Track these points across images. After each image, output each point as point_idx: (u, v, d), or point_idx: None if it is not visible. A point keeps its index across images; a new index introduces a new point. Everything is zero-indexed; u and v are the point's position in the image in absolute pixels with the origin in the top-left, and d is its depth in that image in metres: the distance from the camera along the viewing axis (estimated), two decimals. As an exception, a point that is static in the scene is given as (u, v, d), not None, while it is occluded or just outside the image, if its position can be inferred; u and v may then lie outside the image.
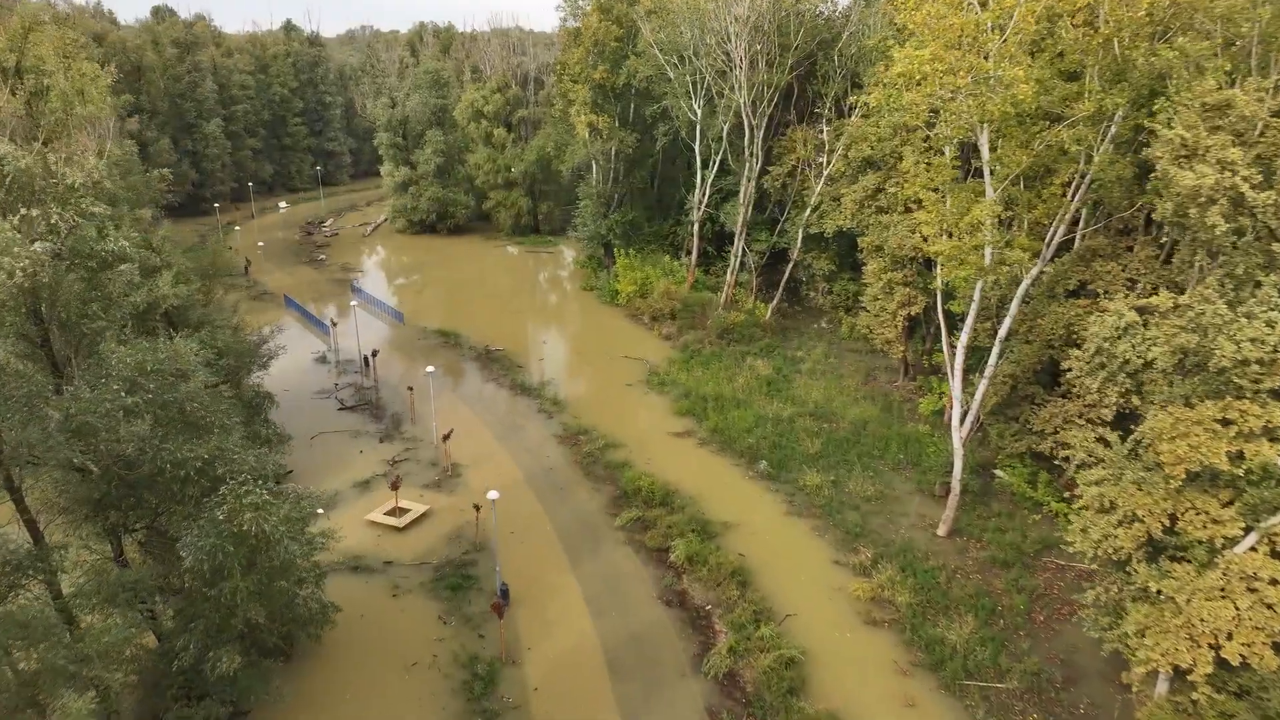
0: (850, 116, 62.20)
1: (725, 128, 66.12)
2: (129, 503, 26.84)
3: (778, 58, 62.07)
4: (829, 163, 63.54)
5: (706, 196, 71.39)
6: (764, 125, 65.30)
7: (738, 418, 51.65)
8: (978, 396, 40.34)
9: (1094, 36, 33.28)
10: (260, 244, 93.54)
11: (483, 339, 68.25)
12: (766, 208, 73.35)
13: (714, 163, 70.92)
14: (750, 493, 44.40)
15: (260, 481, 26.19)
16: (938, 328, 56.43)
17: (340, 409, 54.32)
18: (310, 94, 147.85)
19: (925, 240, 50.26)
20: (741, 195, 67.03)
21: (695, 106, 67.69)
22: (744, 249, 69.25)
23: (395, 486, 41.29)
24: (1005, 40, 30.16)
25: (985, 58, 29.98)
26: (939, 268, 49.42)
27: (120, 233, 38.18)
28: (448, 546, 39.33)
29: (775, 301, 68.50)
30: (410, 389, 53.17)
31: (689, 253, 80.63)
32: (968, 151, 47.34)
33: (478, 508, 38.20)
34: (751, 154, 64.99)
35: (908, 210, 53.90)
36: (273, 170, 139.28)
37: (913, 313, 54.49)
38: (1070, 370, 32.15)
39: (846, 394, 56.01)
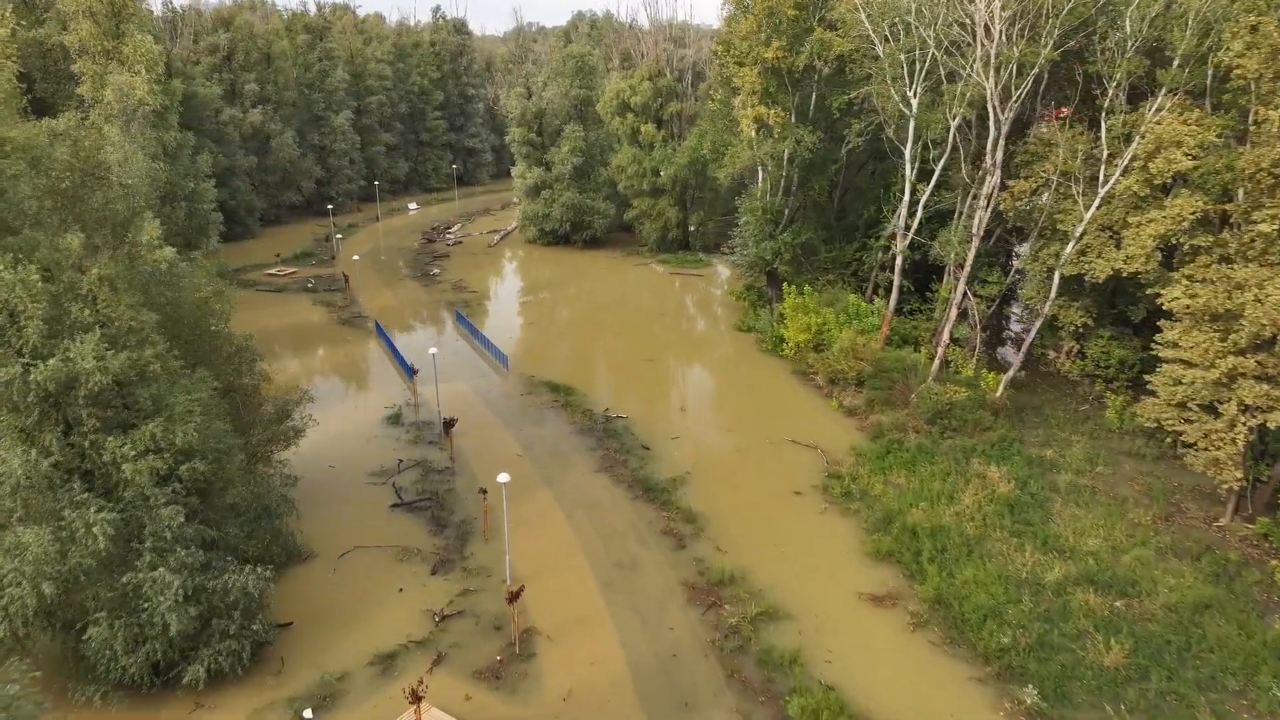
0: (1149, 109, 41.74)
1: (955, 124, 46.84)
2: None
3: (1049, 22, 42.18)
4: (1107, 177, 43.37)
5: (918, 218, 52.12)
6: (1009, 121, 45.64)
7: (973, 579, 32.69)
8: None
9: None
10: (356, 257, 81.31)
11: (603, 398, 52.08)
12: (992, 235, 53.52)
13: (926, 171, 51.82)
14: (1014, 754, 25.64)
15: None
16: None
17: (394, 506, 39.33)
18: (452, 86, 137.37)
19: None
20: (976, 218, 47.49)
21: (911, 96, 48.66)
22: (965, 293, 49.57)
23: (417, 698, 25.34)
24: None
25: None
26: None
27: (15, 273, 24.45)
28: (486, 829, 22.99)
29: (1012, 372, 48.38)
30: (483, 493, 37.48)
31: (879, 290, 61.53)
32: None
33: (536, 781, 21.72)
34: (993, 161, 45.42)
35: (1282, 261, 33.42)
36: (408, 168, 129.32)
37: (1270, 423, 33.80)
38: None
39: (1141, 539, 35.85)
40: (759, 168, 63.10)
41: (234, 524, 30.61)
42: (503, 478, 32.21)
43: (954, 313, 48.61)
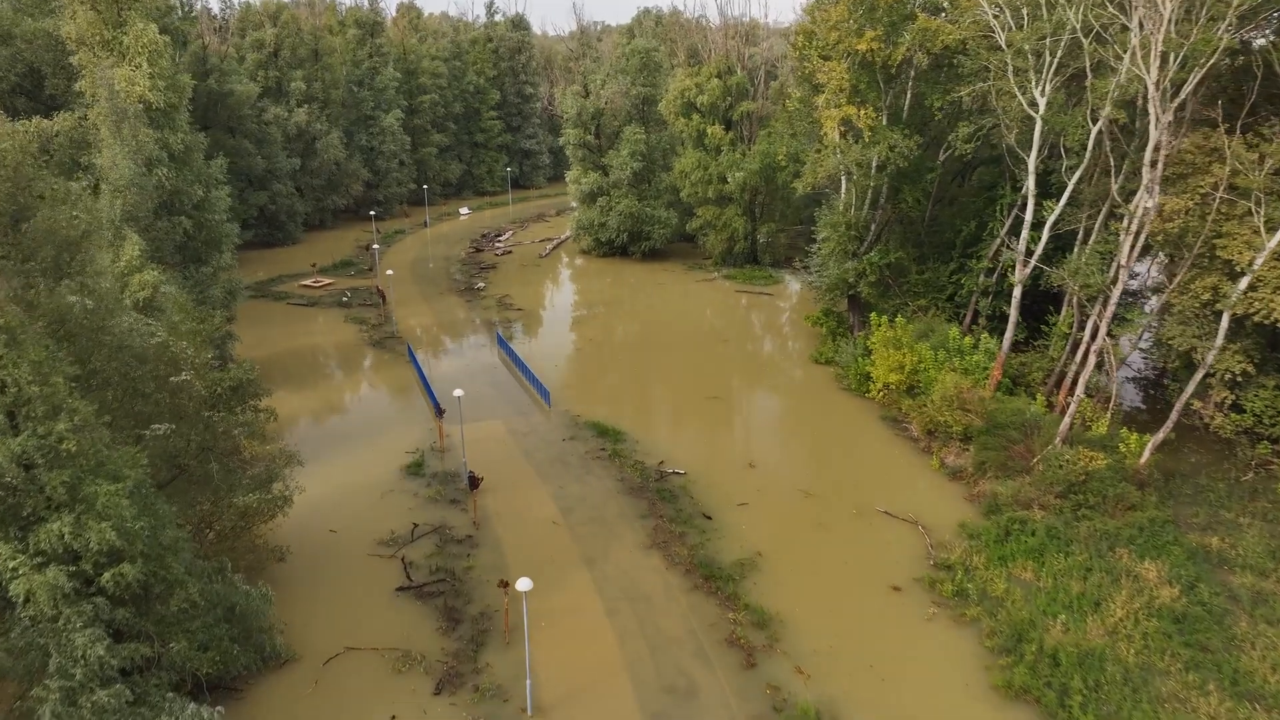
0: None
1: (1097, 128, 38.13)
2: None
3: (1233, -3, 33.32)
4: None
5: (1043, 241, 43.44)
6: (1169, 125, 36.75)
7: (1147, 741, 24.38)
8: None
9: None
10: (390, 271, 74.79)
11: (657, 446, 44.64)
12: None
13: (1045, 183, 43.22)
14: None
15: None
16: None
17: (400, 589, 32.45)
18: (509, 84, 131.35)
19: None
20: (1125, 245, 38.61)
21: (1039, 93, 40.06)
22: (1105, 337, 40.63)
23: None
24: None
25: None
26: None
27: None
28: None
29: (1163, 434, 39.33)
30: (504, 586, 30.31)
31: (979, 319, 52.92)
32: None
33: None
34: (1153, 175, 36.54)
35: None
36: (461, 170, 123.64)
37: None
38: None
39: (1367, 681, 26.94)
40: (843, 177, 54.91)
41: (181, 636, 23.98)
42: (523, 584, 24.97)
43: (1091, 361, 39.75)
